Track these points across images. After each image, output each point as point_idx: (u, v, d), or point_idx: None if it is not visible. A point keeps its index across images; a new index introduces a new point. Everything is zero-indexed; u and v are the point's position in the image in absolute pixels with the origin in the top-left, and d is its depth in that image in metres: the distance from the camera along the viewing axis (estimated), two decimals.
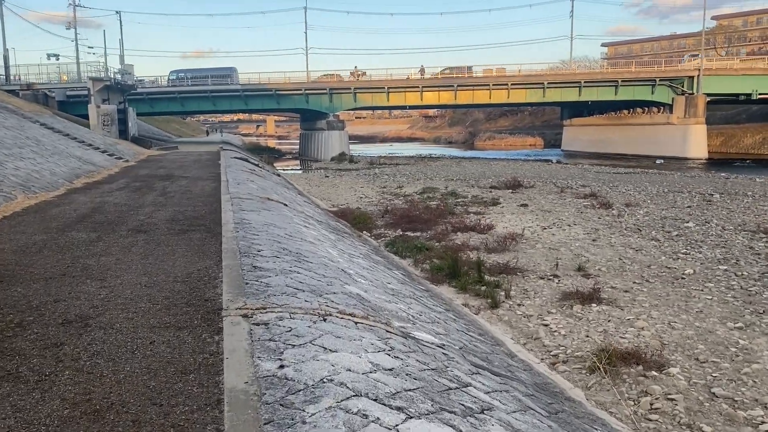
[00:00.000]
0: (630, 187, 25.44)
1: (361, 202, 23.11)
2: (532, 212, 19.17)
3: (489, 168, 38.30)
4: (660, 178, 31.13)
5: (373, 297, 6.44)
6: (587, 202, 20.96)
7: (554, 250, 13.35)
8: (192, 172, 20.17)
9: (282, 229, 9.33)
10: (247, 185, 16.03)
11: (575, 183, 27.44)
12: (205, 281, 5.83)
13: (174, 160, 27.60)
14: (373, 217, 18.54)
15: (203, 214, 10.25)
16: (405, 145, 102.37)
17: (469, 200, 22.45)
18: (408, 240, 14.68)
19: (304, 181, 31.99)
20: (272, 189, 17.81)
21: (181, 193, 13.58)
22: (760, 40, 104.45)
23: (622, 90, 52.97)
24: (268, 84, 55.78)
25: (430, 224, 16.75)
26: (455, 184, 28.56)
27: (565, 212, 18.87)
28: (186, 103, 56.04)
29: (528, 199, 22.16)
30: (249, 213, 10.41)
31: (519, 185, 25.91)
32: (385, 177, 33.30)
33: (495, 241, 13.78)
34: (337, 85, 55.18)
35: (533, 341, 8.04)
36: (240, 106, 59.20)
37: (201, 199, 12.33)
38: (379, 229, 16.66)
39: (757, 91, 49.85)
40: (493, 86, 54.07)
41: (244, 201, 12.04)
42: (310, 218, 13.34)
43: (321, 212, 17.50)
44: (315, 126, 58.75)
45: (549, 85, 53.65)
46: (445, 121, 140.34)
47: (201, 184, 15.83)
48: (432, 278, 11.10)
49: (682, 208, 19.21)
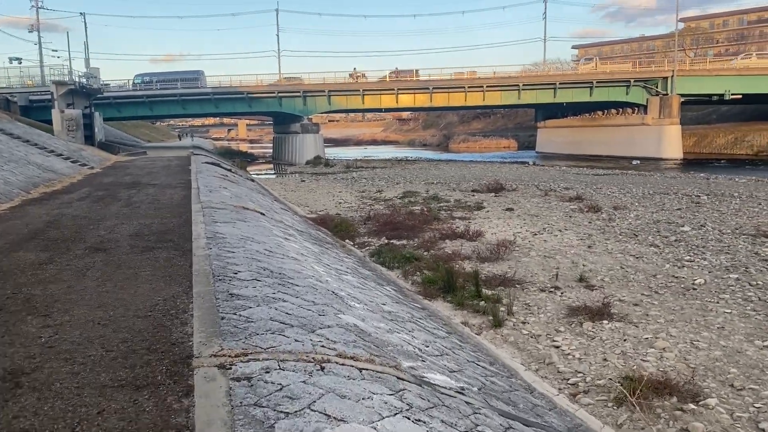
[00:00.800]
0: (614, 189, 24.91)
1: (341, 208, 22.16)
2: (519, 217, 18.43)
3: (468, 171, 37.63)
4: (641, 179, 30.75)
5: (372, 327, 5.52)
6: (574, 205, 20.31)
7: (550, 258, 12.57)
8: (160, 179, 19.03)
9: (260, 244, 8.36)
10: (220, 192, 14.98)
11: (558, 185, 26.85)
12: (173, 315, 4.85)
13: (142, 166, 26.32)
14: (354, 224, 17.61)
15: (172, 228, 9.22)
16: (380, 148, 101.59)
17: (452, 204, 21.66)
18: (394, 249, 13.78)
19: (279, 186, 30.90)
20: (247, 196, 16.77)
21: (147, 203, 12.49)
22: (727, 41, 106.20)
23: (597, 91, 52.87)
24: (240, 87, 54.48)
25: (416, 231, 15.88)
26: (436, 188, 27.76)
27: (553, 216, 18.17)
28: (155, 107, 54.38)
29: (512, 203, 21.45)
30: (223, 225, 9.41)
31: (501, 188, 25.21)
32: (363, 181, 32.37)
33: (487, 249, 12.95)
34: (311, 88, 54.10)
35: (546, 366, 7.20)
36: (211, 110, 57.77)
37: (169, 210, 11.28)
38: (363, 237, 15.74)
39: (729, 92, 50.11)
40: (469, 88, 53.53)
41: (217, 211, 11.02)
42: (290, 228, 12.37)
43: (300, 220, 16.51)
44: (289, 129, 57.56)
45: (524, 87, 53.31)
46: (419, 124, 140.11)
47: (170, 192, 14.74)
48: (425, 292, 10.21)
49: (672, 211, 18.65)
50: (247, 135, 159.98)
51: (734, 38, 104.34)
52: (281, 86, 55.11)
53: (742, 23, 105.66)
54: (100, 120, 45.00)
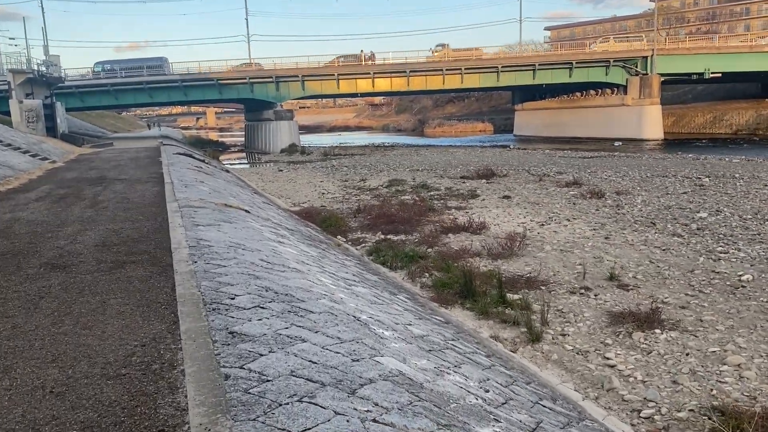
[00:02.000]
0: (609, 173, 23.95)
1: (324, 199, 20.79)
2: (519, 205, 17.29)
3: (451, 156, 36.43)
4: (632, 161, 29.91)
5: (418, 370, 4.24)
6: (574, 191, 19.25)
7: (568, 253, 11.43)
8: (129, 172, 17.44)
9: (254, 252, 7.01)
10: (197, 187, 13.51)
11: (550, 170, 25.79)
12: (156, 374, 3.51)
13: (108, 158, 24.58)
14: (344, 217, 16.27)
15: (146, 234, 7.81)
16: (354, 134, 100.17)
17: (443, 193, 20.43)
18: (394, 246, 12.49)
19: (256, 177, 29.34)
20: (226, 190, 15.31)
21: (116, 202, 11.00)
22: (698, 20, 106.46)
23: (577, 72, 51.98)
24: (210, 73, 52.35)
25: (412, 224, 14.61)
26: (422, 175, 26.51)
27: (556, 204, 17.06)
28: (120, 96, 52.01)
29: (508, 190, 20.31)
30: (206, 229, 8.03)
31: (492, 174, 24.07)
32: (344, 169, 30.96)
33: (498, 245, 11.75)
34: (283, 73, 52.17)
35: (607, 394, 6.01)
36: (179, 98, 55.48)
37: (142, 210, 9.82)
38: (355, 232, 14.42)
39: (709, 70, 49.65)
40: (447, 71, 52.20)
41: (196, 210, 9.61)
42: (280, 227, 11.00)
43: (286, 215, 15.12)
44: (261, 117, 55.66)
45: (503, 69, 52.17)
46: (392, 109, 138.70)
47: (141, 188, 13.22)
48: (439, 298, 8.97)
49: (678, 195, 17.68)
50: (217, 123, 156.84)
51: (705, 17, 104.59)
52: (253, 72, 53.10)
53: (712, 2, 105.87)
54: (62, 110, 42.64)
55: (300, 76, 52.02)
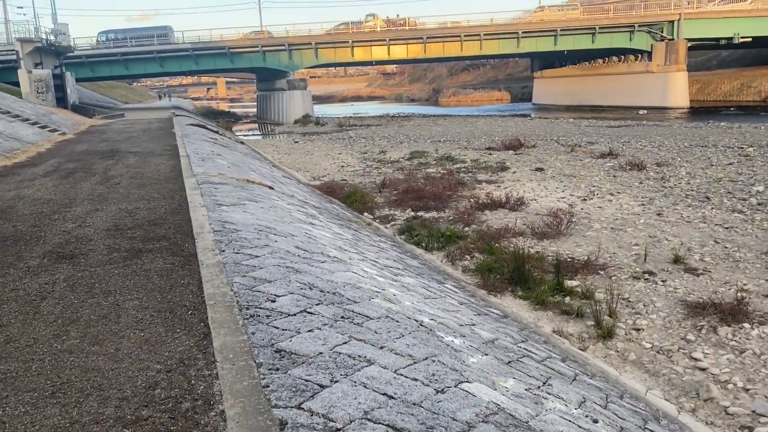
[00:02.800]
0: (644, 143, 22.77)
1: (345, 172, 19.88)
2: (554, 178, 16.28)
3: (472, 126, 35.26)
4: (663, 130, 28.62)
5: (512, 399, 3.36)
6: (610, 162, 18.18)
7: (620, 232, 10.47)
8: (142, 145, 16.57)
9: (288, 238, 6.13)
10: (215, 161, 12.63)
11: (579, 140, 24.65)
12: (187, 419, 2.64)
13: (120, 130, 23.72)
14: (368, 192, 15.35)
15: (163, 215, 6.94)
16: (366, 104, 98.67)
17: (470, 165, 19.43)
18: (426, 224, 11.60)
19: (271, 149, 28.43)
20: (245, 164, 14.42)
21: (129, 177, 10.14)
22: None
23: (600, 38, 50.19)
24: (221, 41, 51.10)
25: (443, 200, 13.68)
26: (445, 147, 25.47)
27: (594, 177, 16.04)
28: (131, 65, 50.97)
29: (539, 162, 19.27)
30: (230, 209, 7.15)
31: (520, 145, 22.97)
32: (362, 141, 29.93)
33: (542, 222, 10.81)
34: (296, 41, 50.82)
35: (705, 405, 5.13)
36: (190, 67, 54.23)
37: (157, 187, 8.96)
38: (382, 208, 13.52)
39: (738, 35, 47.67)
40: (465, 38, 50.57)
41: (217, 187, 8.73)
42: (306, 204, 10.11)
43: (308, 191, 14.24)
44: (274, 86, 54.50)
45: (523, 35, 50.45)
46: (405, 78, 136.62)
47: (155, 162, 12.36)
48: (485, 284, 8.09)
49: (724, 166, 16.58)
50: (227, 94, 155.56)
51: None
52: (265, 39, 51.75)
53: None
54: (72, 80, 41.75)
55: (313, 44, 50.63)
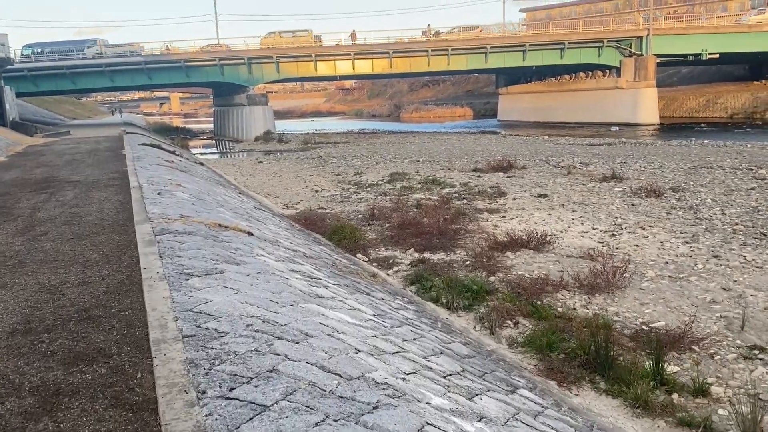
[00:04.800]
0: (641, 163, 21.25)
1: (320, 198, 17.65)
2: (564, 207, 14.40)
3: (448, 144, 33.46)
4: (650, 149, 27.33)
5: None
6: (618, 187, 16.45)
7: (681, 282, 8.55)
8: (85, 171, 14.02)
9: (300, 345, 3.88)
10: (174, 194, 10.24)
11: (571, 160, 23.01)
12: None
13: (62, 151, 20.97)
14: (354, 223, 13.16)
15: (102, 297, 4.61)
16: (326, 119, 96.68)
17: (461, 190, 17.45)
18: (438, 270, 9.48)
19: (233, 170, 25.95)
20: (210, 195, 12.06)
21: (61, 223, 7.71)
22: (675, 2, 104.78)
23: (569, 53, 49.37)
24: (176, 55, 48.36)
25: (448, 236, 11.59)
26: (425, 167, 23.49)
27: (610, 205, 14.22)
28: (78, 80, 47.73)
29: (537, 186, 17.43)
30: (204, 282, 4.88)
31: (509, 166, 21.13)
32: (332, 161, 27.72)
33: (581, 267, 8.80)
34: (257, 54, 48.42)
35: None
36: (143, 82, 51.18)
37: (98, 240, 6.59)
38: (377, 247, 11.33)
39: (706, 51, 47.48)
40: (432, 52, 49.09)
41: (181, 240, 6.42)
42: (298, 255, 7.85)
43: (286, 224, 11.95)
44: (232, 101, 51.90)
45: (492, 50, 49.26)
46: (364, 94, 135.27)
47: (99, 197, 9.91)
48: (549, 370, 5.99)
49: (746, 191, 15.02)
50: (181, 109, 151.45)
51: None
52: (223, 53, 49.21)
53: None
54: (11, 95, 38.46)
55: (274, 58, 48.34)
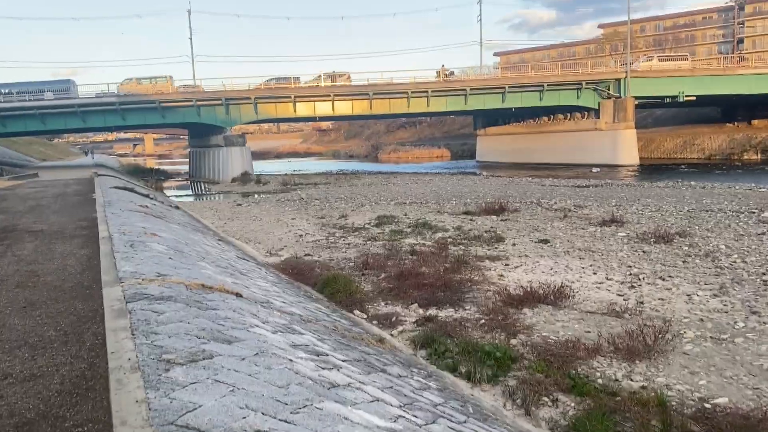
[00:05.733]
0: (638, 206, 20.60)
1: (305, 244, 16.54)
2: (569, 253, 13.50)
3: (432, 185, 32.70)
4: (639, 191, 26.84)
5: None
6: (621, 232, 15.64)
7: (728, 344, 7.59)
8: (50, 218, 12.76)
9: None
10: (149, 246, 9.06)
11: (563, 202, 22.29)
12: None
13: (27, 195, 19.61)
14: (345, 272, 12.05)
15: (52, 403, 3.44)
16: (304, 160, 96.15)
17: (455, 235, 16.48)
18: (449, 330, 8.40)
19: (211, 213, 24.73)
20: (190, 246, 10.88)
21: (14, 285, 6.50)
22: (645, 47, 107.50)
23: (548, 95, 49.53)
24: (152, 95, 47.29)
25: (454, 289, 10.54)
26: (413, 210, 22.56)
27: (619, 252, 13.36)
28: (48, 120, 46.34)
29: (535, 230, 16.56)
30: (189, 376, 3.73)
31: (502, 209, 20.30)
32: (315, 203, 26.67)
33: (626, 333, 7.79)
34: (234, 95, 47.65)
35: None
36: (117, 122, 49.89)
37: (57, 310, 5.41)
38: (375, 301, 10.23)
39: (683, 93, 47.99)
40: (412, 94, 48.85)
41: (159, 310, 5.27)
42: (294, 320, 6.71)
43: (274, 276, 10.79)
44: (209, 143, 50.82)
45: (471, 92, 49.21)
46: (341, 135, 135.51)
47: (62, 250, 8.71)
48: None
49: (757, 236, 14.31)
50: (155, 150, 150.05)
51: (652, 44, 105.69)
52: (200, 93, 48.33)
53: (659, 29, 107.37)
54: None
55: (253, 98, 47.60)
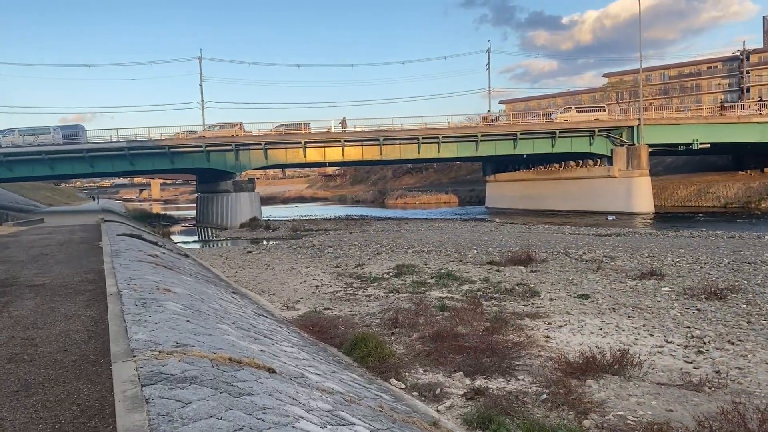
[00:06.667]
0: (672, 257, 19.55)
1: (322, 296, 15.50)
2: (614, 311, 12.42)
3: (448, 233, 31.71)
4: (673, 241, 25.76)
5: None
6: (665, 287, 14.57)
7: None
8: (54, 269, 11.80)
9: None
10: (163, 306, 8.05)
11: (594, 252, 21.25)
12: None
13: (31, 242, 18.71)
14: (374, 331, 10.98)
15: None
16: (310, 205, 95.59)
17: (482, 287, 15.42)
18: (504, 406, 7.30)
19: (221, 261, 23.76)
20: (207, 302, 9.85)
21: (6, 359, 5.49)
22: (651, 95, 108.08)
23: (560, 142, 49.02)
24: (161, 140, 46.94)
25: (500, 353, 9.45)
26: (432, 258, 21.54)
27: (670, 310, 12.27)
28: (56, 165, 45.89)
29: (569, 283, 15.50)
30: None
31: (530, 259, 19.27)
32: (328, 250, 25.68)
33: (719, 413, 6.69)
34: (245, 140, 47.26)
35: None
36: (125, 168, 49.37)
37: (54, 398, 4.37)
38: (412, 367, 9.13)
39: (697, 141, 47.42)
40: (423, 140, 48.40)
41: (183, 398, 4.23)
42: (337, 401, 5.65)
43: (297, 336, 9.71)
44: (217, 188, 50.22)
45: (483, 138, 48.74)
46: (347, 180, 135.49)
47: (65, 310, 7.71)
48: None
49: None
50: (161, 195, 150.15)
51: (658, 92, 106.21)
52: (210, 139, 47.94)
53: (664, 78, 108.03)
54: None
55: (263, 144, 47.18)
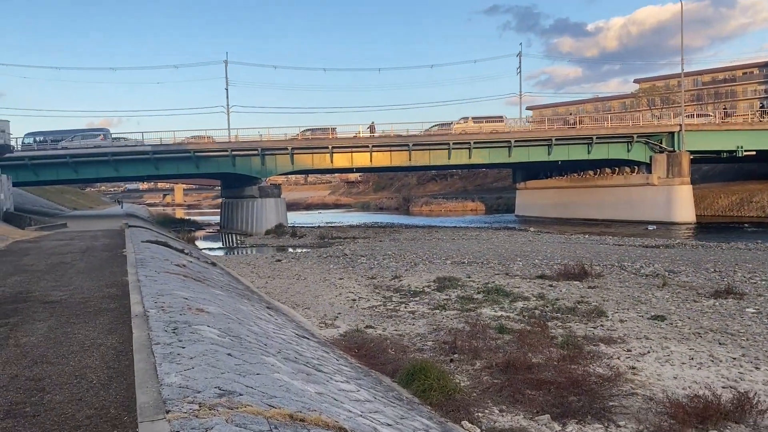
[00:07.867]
0: (743, 272, 17.93)
1: (361, 311, 14.18)
2: (701, 336, 10.92)
3: (485, 242, 30.23)
4: (732, 254, 24.04)
5: None
6: (750, 307, 13.02)
7: None
8: (73, 282, 10.60)
9: None
10: (197, 332, 6.76)
11: (650, 267, 19.67)
12: None
13: (51, 249, 17.65)
14: (428, 356, 9.63)
15: None
16: (333, 212, 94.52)
17: (538, 304, 13.98)
18: None
19: (249, 270, 22.58)
20: (245, 323, 8.57)
21: (2, 411, 4.21)
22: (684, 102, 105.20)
23: (596, 148, 47.24)
24: (186, 145, 46.16)
25: (588, 389, 8.03)
26: (475, 271, 20.11)
27: (762, 335, 10.73)
28: (81, 169, 45.30)
29: (638, 302, 13.99)
30: None
31: (585, 273, 17.75)
32: (361, 260, 24.37)
33: None
34: (271, 145, 46.27)
35: None
36: (149, 172, 48.62)
37: None
38: (483, 405, 7.76)
39: (742, 148, 45.36)
40: (454, 146, 46.96)
41: None
42: None
43: (349, 368, 8.38)
44: (242, 193, 49.28)
45: (516, 144, 47.16)
46: (370, 187, 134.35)
47: (82, 336, 6.45)
48: None
49: None
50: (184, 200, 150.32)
51: (691, 99, 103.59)
52: (235, 143, 47.05)
53: (697, 84, 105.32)
54: (8, 184, 35.75)
55: (289, 149, 46.13)
